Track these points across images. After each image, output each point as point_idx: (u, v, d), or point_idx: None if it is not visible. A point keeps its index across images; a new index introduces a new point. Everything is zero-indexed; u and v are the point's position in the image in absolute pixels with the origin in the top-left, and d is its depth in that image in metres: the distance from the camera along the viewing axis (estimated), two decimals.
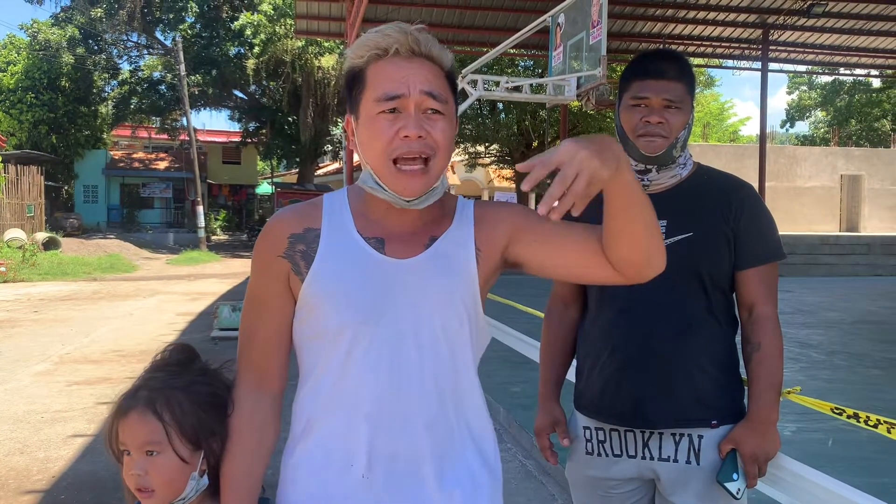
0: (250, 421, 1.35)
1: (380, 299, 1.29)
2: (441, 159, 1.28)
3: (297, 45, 28.50)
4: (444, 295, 1.32)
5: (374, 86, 1.27)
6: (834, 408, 1.94)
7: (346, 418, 1.30)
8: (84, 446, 4.86)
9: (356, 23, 14.30)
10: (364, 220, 1.35)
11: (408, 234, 1.34)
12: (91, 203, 36.40)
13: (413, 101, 1.25)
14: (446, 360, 1.32)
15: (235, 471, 1.34)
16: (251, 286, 1.38)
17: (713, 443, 1.83)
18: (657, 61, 1.90)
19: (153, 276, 19.24)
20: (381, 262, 1.31)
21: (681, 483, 1.84)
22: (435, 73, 1.28)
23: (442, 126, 1.27)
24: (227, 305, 9.41)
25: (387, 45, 1.27)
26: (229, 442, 1.35)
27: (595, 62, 9.50)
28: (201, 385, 1.39)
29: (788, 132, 51.35)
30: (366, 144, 1.29)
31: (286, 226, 1.35)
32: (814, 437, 4.90)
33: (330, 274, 1.30)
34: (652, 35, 17.92)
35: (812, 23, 16.92)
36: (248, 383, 1.37)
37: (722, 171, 1.99)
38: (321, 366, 1.33)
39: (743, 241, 1.85)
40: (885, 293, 15.36)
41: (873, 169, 27.27)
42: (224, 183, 41.47)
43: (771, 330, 1.84)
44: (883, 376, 7.07)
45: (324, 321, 1.31)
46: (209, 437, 1.36)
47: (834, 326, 10.37)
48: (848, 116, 43.59)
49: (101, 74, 34.21)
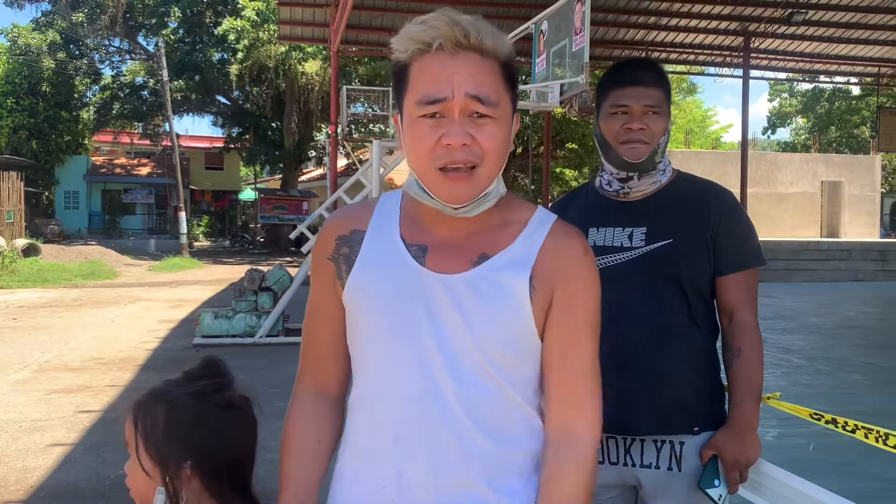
0: (306, 423, 1.31)
1: (410, 314, 1.20)
2: (489, 166, 1.16)
3: (280, 50, 28.43)
4: (483, 321, 1.19)
5: (415, 86, 1.16)
6: (813, 413, 1.95)
7: (376, 439, 1.24)
8: (63, 455, 4.80)
9: (340, 28, 14.30)
10: (411, 225, 1.26)
11: (455, 246, 1.22)
12: (72, 209, 36.06)
13: (457, 104, 1.13)
14: (486, 391, 1.20)
15: (290, 472, 1.29)
16: (311, 288, 1.36)
17: (695, 449, 1.83)
18: (634, 69, 1.91)
19: (135, 282, 19.08)
20: (418, 273, 1.21)
21: (662, 490, 1.84)
22: (485, 69, 1.16)
23: (490, 131, 1.15)
24: (210, 312, 9.34)
25: (430, 38, 1.15)
26: (285, 443, 1.31)
27: (578, 69, 9.53)
28: (186, 405, 1.33)
29: (770, 139, 51.84)
30: (410, 149, 1.19)
31: (336, 227, 1.30)
32: (795, 443, 4.93)
33: (365, 281, 1.23)
34: (634, 42, 18.05)
35: (793, 31, 17.11)
36: (306, 387, 1.34)
37: (701, 177, 2.00)
38: (360, 378, 1.28)
39: (722, 247, 1.85)
40: (864, 299, 15.52)
41: (853, 175, 27.58)
42: (207, 189, 41.25)
43: (750, 336, 1.86)
44: (863, 381, 7.13)
45: (360, 330, 1.25)
46: (176, 460, 1.30)
47: (815, 332, 10.46)
48: (828, 123, 44.07)
49: (83, 79, 33.93)
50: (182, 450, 1.30)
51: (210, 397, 1.35)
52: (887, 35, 17.66)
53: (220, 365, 1.42)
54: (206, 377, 1.38)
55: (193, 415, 1.32)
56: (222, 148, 38.07)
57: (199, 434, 1.31)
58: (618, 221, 1.91)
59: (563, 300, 1.22)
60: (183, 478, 1.31)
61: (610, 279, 1.83)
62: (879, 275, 20.86)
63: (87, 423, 5.52)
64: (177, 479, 1.31)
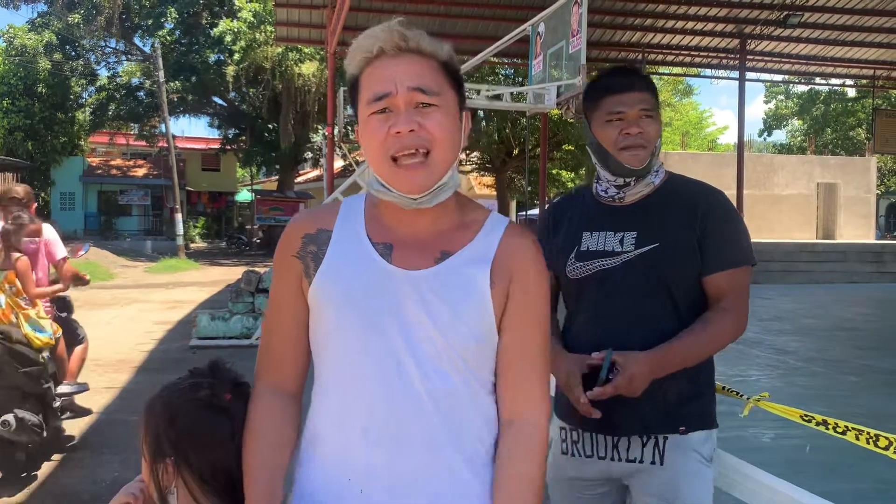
0: (268, 416, 1.32)
1: (378, 309, 1.25)
2: (442, 151, 1.23)
3: (277, 51, 28.42)
4: (448, 315, 1.25)
5: (364, 90, 1.26)
6: (803, 415, 1.96)
7: (342, 432, 1.28)
8: (59, 458, 4.79)
9: (336, 30, 14.31)
10: (376, 225, 1.32)
11: (419, 243, 1.29)
12: (68, 210, 36.00)
13: (402, 98, 1.22)
14: (451, 383, 1.25)
15: (254, 463, 1.29)
16: (271, 287, 1.38)
17: (676, 445, 1.85)
18: (623, 76, 1.94)
19: (131, 284, 19.05)
20: (386, 270, 1.27)
21: (643, 483, 1.88)
22: (427, 67, 1.25)
23: (437, 118, 1.23)
24: (206, 314, 9.34)
25: (372, 46, 1.25)
26: (249, 440, 1.31)
27: (575, 71, 9.55)
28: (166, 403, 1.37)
29: (766, 141, 51.95)
30: (366, 147, 1.27)
31: (302, 226, 1.34)
32: (792, 444, 4.94)
33: (333, 279, 1.28)
34: (631, 44, 18.08)
35: (788, 33, 17.15)
36: (266, 384, 1.35)
37: (692, 179, 2.00)
38: (325, 373, 1.31)
39: (708, 246, 1.85)
40: (860, 300, 15.55)
41: (848, 177, 27.64)
42: (203, 190, 41.22)
43: (722, 318, 1.84)
44: (859, 383, 7.15)
45: (327, 326, 1.29)
46: (160, 454, 1.33)
47: (810, 333, 10.49)
48: (824, 125, 44.18)
49: (79, 80, 33.89)
50: (163, 445, 1.33)
51: (194, 397, 1.36)
52: (882, 37, 17.70)
53: (220, 368, 1.42)
54: (202, 378, 1.40)
55: (171, 412, 1.35)
56: (219, 149, 38.04)
57: (174, 431, 1.33)
58: (610, 226, 1.93)
59: (519, 293, 1.29)
60: (166, 473, 1.32)
61: (599, 283, 1.89)
62: (875, 276, 20.91)
63: (84, 424, 5.51)
64: (163, 475, 1.33)
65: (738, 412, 2.12)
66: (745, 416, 2.06)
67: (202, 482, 1.32)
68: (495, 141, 25.28)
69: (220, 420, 1.35)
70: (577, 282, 1.95)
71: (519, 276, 1.30)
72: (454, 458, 1.26)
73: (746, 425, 5.25)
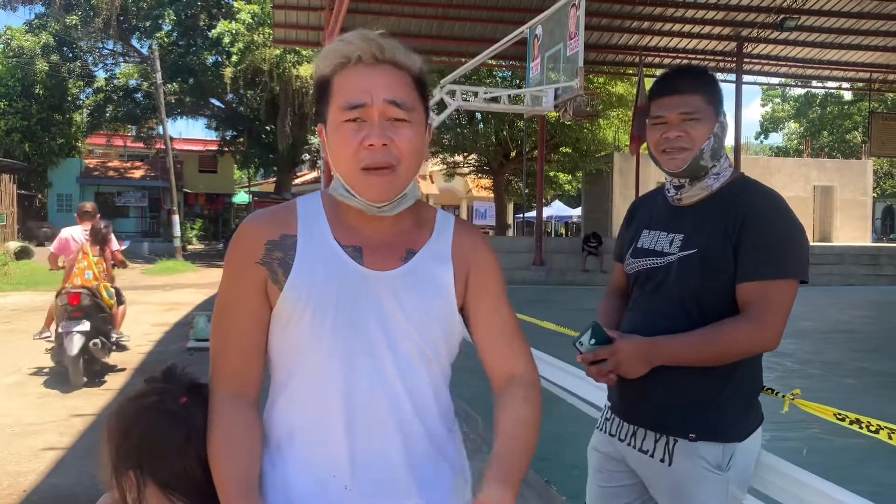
0: (235, 423, 1.29)
1: (358, 311, 1.29)
2: (408, 166, 1.29)
3: (275, 53, 28.44)
4: (422, 312, 1.32)
5: (338, 94, 1.28)
6: (836, 413, 1.96)
7: (326, 430, 1.29)
8: (56, 460, 4.78)
9: (335, 32, 14.32)
10: (340, 228, 1.34)
11: (385, 245, 1.34)
12: (65, 212, 35.91)
13: (376, 109, 1.26)
14: (422, 377, 1.33)
15: (231, 473, 1.26)
16: (224, 292, 1.34)
17: (685, 452, 1.85)
18: (670, 79, 1.94)
19: (128, 285, 19.00)
20: (360, 273, 1.30)
21: (654, 478, 1.92)
22: (400, 80, 1.29)
23: (407, 134, 1.28)
24: (203, 316, 9.32)
25: (349, 52, 1.28)
26: (216, 448, 1.28)
27: (572, 73, 9.57)
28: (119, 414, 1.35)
29: (762, 143, 52.09)
30: (334, 152, 1.30)
31: (262, 231, 1.33)
32: (789, 446, 4.94)
33: (307, 282, 1.28)
34: (628, 47, 18.12)
35: (785, 36, 17.21)
36: (225, 390, 1.32)
37: (758, 183, 1.95)
38: (298, 375, 1.30)
39: (740, 255, 1.80)
40: (856, 302, 15.59)
41: (845, 180, 27.71)
42: (200, 192, 41.19)
43: (736, 325, 1.78)
44: (856, 385, 7.16)
45: (301, 331, 1.29)
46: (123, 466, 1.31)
47: (808, 335, 10.50)
48: (820, 128, 44.31)
49: (76, 82, 33.87)
50: (123, 459, 1.31)
51: (144, 405, 1.33)
52: (879, 41, 17.77)
53: (174, 373, 1.39)
54: (155, 384, 1.36)
55: (125, 425, 1.32)
56: (216, 151, 38.03)
57: (128, 442, 1.31)
58: (665, 226, 1.96)
59: (479, 277, 1.41)
60: (131, 485, 1.30)
61: (644, 280, 1.95)
62: (871, 279, 20.97)
63: (81, 426, 5.50)
64: (129, 487, 1.30)
65: None
66: (786, 412, 2.07)
67: (167, 489, 1.29)
68: (493, 143, 25.30)
69: (173, 426, 1.31)
70: (630, 276, 2.04)
71: (475, 262, 1.41)
72: (427, 449, 1.34)
73: None
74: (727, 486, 1.85)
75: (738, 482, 1.87)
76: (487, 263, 1.43)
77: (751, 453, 1.89)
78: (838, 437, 5.07)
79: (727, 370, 1.84)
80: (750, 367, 1.89)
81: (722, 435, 1.84)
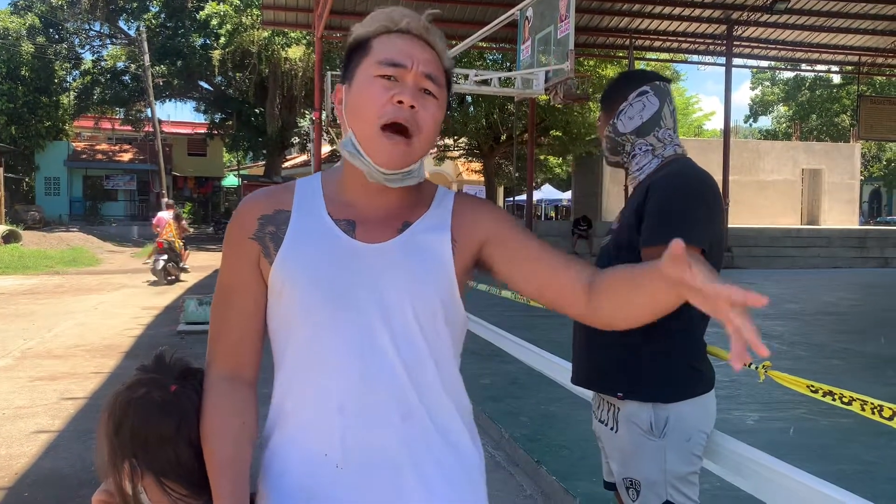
0: (229, 406, 1.29)
1: (349, 284, 1.26)
2: (424, 141, 1.26)
3: (263, 35, 28.21)
4: (417, 282, 1.27)
5: (378, 51, 1.26)
6: (809, 385, 2.02)
7: (318, 409, 1.26)
8: (48, 443, 4.79)
9: (324, 14, 14.22)
10: (336, 204, 1.32)
11: (380, 218, 1.31)
12: (53, 195, 35.71)
13: (413, 75, 1.24)
14: (421, 350, 1.28)
15: (221, 457, 1.26)
16: (223, 270, 1.34)
17: (624, 418, 1.97)
18: None
19: (117, 269, 18.96)
20: (351, 245, 1.28)
21: (608, 446, 2.08)
22: (437, 62, 1.29)
23: (433, 109, 1.26)
24: (194, 299, 9.31)
25: (398, 20, 1.28)
26: (209, 430, 1.28)
27: (563, 56, 9.54)
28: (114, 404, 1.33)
29: (752, 127, 52.16)
30: (355, 107, 1.26)
31: (256, 207, 1.32)
32: (775, 426, 5.01)
33: (298, 257, 1.27)
34: (619, 30, 18.08)
35: (775, 19, 17.21)
36: (221, 372, 1.32)
37: (681, 166, 2.03)
38: (291, 354, 1.29)
39: (643, 224, 1.93)
40: (843, 285, 15.72)
41: (833, 163, 27.83)
42: (189, 175, 40.95)
43: None
44: (842, 366, 7.25)
45: (292, 306, 1.27)
46: (120, 457, 1.30)
47: (795, 317, 10.60)
48: (809, 112, 44.39)
49: (63, 64, 33.51)
50: (117, 452, 1.30)
51: (134, 397, 1.32)
52: (868, 24, 17.80)
53: (164, 360, 1.38)
54: (145, 374, 1.35)
55: (116, 418, 1.31)
56: (205, 134, 37.78)
57: (121, 436, 1.30)
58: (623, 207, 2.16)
59: (499, 233, 1.34)
60: (127, 477, 1.29)
61: (600, 255, 2.12)
62: (858, 261, 21.13)
63: (72, 409, 5.51)
64: (125, 479, 1.30)
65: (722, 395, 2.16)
66: (762, 381, 2.16)
67: (163, 477, 1.29)
68: (483, 127, 25.23)
69: (164, 415, 1.29)
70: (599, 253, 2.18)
71: (487, 222, 1.35)
72: (427, 427, 1.29)
73: (731, 408, 5.33)
74: (663, 453, 1.90)
75: (677, 451, 1.91)
76: (498, 217, 1.37)
77: (690, 421, 1.92)
78: (823, 417, 5.14)
79: (647, 330, 1.88)
80: (671, 328, 1.86)
81: (648, 395, 1.93)
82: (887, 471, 4.17)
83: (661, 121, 2.07)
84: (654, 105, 2.07)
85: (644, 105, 2.07)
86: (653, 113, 2.07)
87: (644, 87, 2.09)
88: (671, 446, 1.90)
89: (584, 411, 2.57)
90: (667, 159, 2.06)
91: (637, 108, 2.08)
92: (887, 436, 4.45)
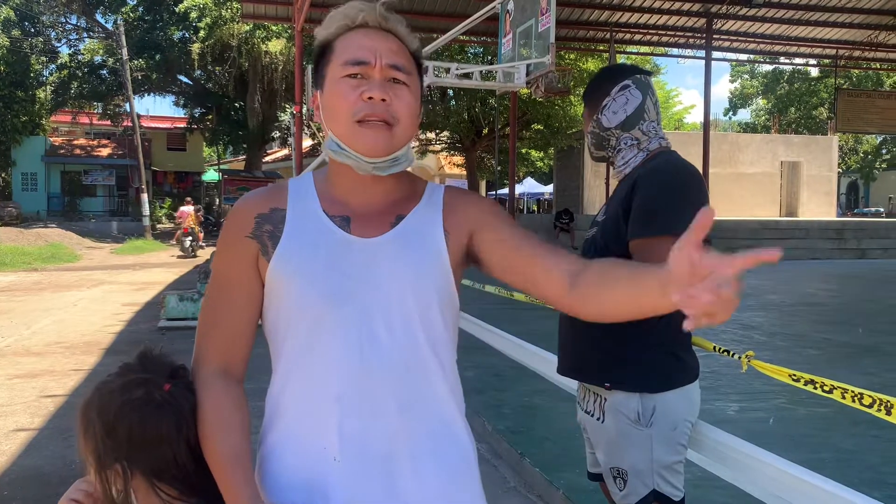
0: (230, 402, 1.29)
1: (346, 279, 1.27)
2: (404, 128, 1.28)
3: (243, 29, 27.98)
4: (413, 274, 1.29)
5: (341, 53, 1.28)
6: (791, 374, 2.05)
7: (316, 399, 1.27)
8: (27, 441, 4.75)
9: (304, 7, 14.11)
10: (329, 201, 1.34)
11: (374, 213, 1.32)
12: (30, 191, 35.27)
13: (378, 70, 1.26)
14: (418, 341, 1.29)
15: (230, 451, 1.26)
16: (217, 269, 1.35)
17: (611, 408, 1.98)
18: None
19: (97, 265, 18.78)
20: (347, 240, 1.29)
21: (595, 437, 2.10)
22: (401, 49, 1.30)
23: (406, 97, 1.28)
24: (174, 295, 9.25)
25: (354, 16, 1.29)
26: (213, 427, 1.27)
27: (544, 50, 9.55)
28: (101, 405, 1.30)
29: (731, 120, 52.49)
30: (329, 109, 1.29)
31: (253, 206, 1.34)
32: (756, 416, 5.06)
33: (295, 253, 1.28)
34: (599, 23, 18.09)
35: (754, 12, 17.29)
36: (213, 369, 1.32)
37: (668, 159, 2.05)
38: (289, 347, 1.30)
39: (630, 217, 1.93)
40: (821, 276, 15.89)
41: (811, 156, 28.09)
42: (169, 170, 40.60)
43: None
44: (820, 356, 7.33)
45: (290, 302, 1.28)
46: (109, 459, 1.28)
47: (774, 309, 10.70)
48: (788, 105, 44.76)
49: (39, 58, 33.05)
50: (108, 453, 1.27)
51: (129, 399, 1.28)
52: (845, 17, 17.95)
53: (151, 358, 1.35)
54: (134, 374, 1.32)
55: (108, 420, 1.28)
56: (185, 128, 37.45)
57: (114, 439, 1.27)
58: (608, 200, 2.17)
59: (486, 222, 1.36)
60: (118, 478, 1.27)
61: (586, 247, 2.13)
62: (836, 253, 21.35)
63: (52, 407, 5.46)
64: (115, 480, 1.27)
65: (704, 386, 2.17)
66: (745, 371, 2.21)
67: (154, 478, 1.28)
68: (465, 120, 25.22)
69: (163, 416, 1.27)
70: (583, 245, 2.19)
71: (476, 214, 1.37)
72: (425, 418, 1.30)
73: (713, 398, 5.37)
74: (650, 442, 1.92)
75: (663, 440, 1.92)
76: (488, 210, 1.38)
77: (675, 410, 1.94)
78: (803, 406, 5.20)
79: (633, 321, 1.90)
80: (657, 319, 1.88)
81: (634, 385, 1.94)
82: (866, 458, 4.23)
83: (645, 114, 2.09)
84: (637, 98, 2.08)
85: (627, 99, 2.09)
86: (636, 106, 2.08)
87: (626, 81, 2.10)
88: (658, 435, 1.92)
89: (568, 404, 2.58)
90: (652, 152, 2.08)
91: (620, 102, 2.09)
92: (865, 425, 4.51)
